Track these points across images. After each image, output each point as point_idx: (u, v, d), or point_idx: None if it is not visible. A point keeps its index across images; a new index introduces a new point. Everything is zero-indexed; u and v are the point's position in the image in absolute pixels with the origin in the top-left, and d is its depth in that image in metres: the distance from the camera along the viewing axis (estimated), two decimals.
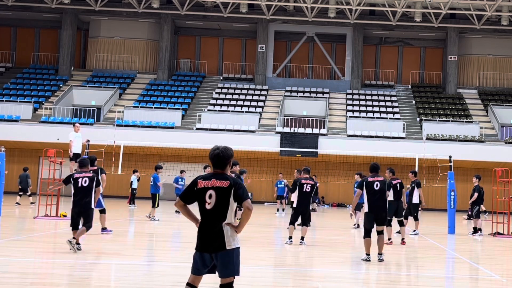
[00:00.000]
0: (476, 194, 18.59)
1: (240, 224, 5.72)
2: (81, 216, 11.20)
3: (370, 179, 11.34)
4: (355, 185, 20.42)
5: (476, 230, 18.69)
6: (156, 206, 19.73)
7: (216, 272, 5.83)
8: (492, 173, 19.82)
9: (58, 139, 30.26)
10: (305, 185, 13.61)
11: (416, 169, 21.98)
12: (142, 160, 34.48)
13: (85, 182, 11.00)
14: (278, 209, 26.53)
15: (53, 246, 12.44)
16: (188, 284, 5.89)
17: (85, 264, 10.11)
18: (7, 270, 8.99)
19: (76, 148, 18.79)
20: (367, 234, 11.11)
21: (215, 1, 39.20)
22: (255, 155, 33.11)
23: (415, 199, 17.46)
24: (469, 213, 21.59)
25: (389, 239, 14.53)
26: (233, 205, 5.68)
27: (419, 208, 18.13)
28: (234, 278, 5.75)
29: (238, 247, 5.72)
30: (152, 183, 20.13)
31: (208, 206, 5.65)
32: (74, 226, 11.12)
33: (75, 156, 18.81)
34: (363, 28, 41.87)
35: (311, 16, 40.26)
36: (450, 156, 20.15)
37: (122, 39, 42.74)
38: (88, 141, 19.62)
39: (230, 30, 43.47)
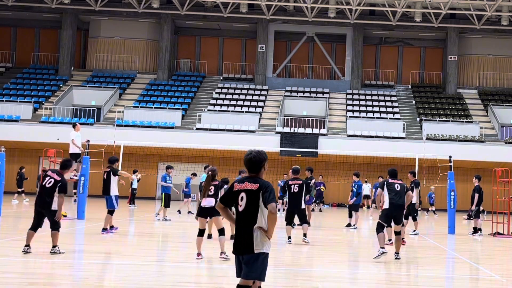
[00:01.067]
0: (477, 195, 18.56)
1: (269, 228, 5.72)
2: (43, 216, 10.68)
3: (391, 180, 11.90)
4: (353, 185, 20.40)
5: (476, 230, 18.69)
6: (163, 205, 19.69)
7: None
8: (492, 173, 19.82)
9: (58, 139, 30.24)
10: (292, 186, 13.82)
11: (416, 169, 21.97)
12: (142, 160, 34.49)
13: (49, 183, 10.63)
14: (279, 209, 26.50)
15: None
16: (238, 286, 5.84)
17: (85, 264, 10.11)
18: (7, 270, 8.99)
19: (76, 148, 18.77)
20: (381, 229, 11.47)
21: (215, 1, 39.20)
22: None
23: (414, 200, 17.45)
24: (469, 213, 21.58)
25: (389, 240, 14.53)
26: (263, 208, 5.71)
27: (418, 208, 18.13)
28: (259, 283, 5.75)
29: (267, 253, 5.71)
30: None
31: (240, 208, 5.76)
32: (34, 226, 10.63)
33: (75, 156, 18.81)
34: (363, 28, 41.87)
35: (311, 16, 40.25)
36: (450, 156, 20.14)
37: (122, 39, 42.74)
38: (88, 141, 19.62)
39: (230, 30, 43.47)
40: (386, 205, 11.62)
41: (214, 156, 32.88)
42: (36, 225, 10.64)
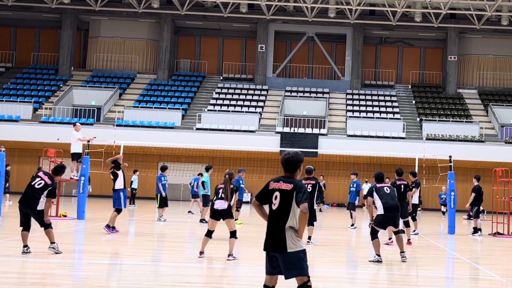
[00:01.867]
0: (473, 195, 18.55)
1: (299, 228, 5.83)
2: (29, 216, 10.57)
3: (378, 185, 11.71)
4: (351, 186, 20.38)
5: (476, 230, 18.69)
6: (159, 206, 19.72)
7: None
8: (492, 173, 19.82)
9: (58, 139, 30.28)
10: (306, 185, 13.63)
11: (416, 169, 21.97)
12: (142, 160, 34.50)
13: (38, 184, 10.52)
14: None
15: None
16: (264, 285, 6.03)
17: (85, 264, 10.11)
18: (7, 270, 8.99)
19: (77, 148, 18.80)
20: (376, 235, 11.28)
21: (215, 1, 39.21)
22: (255, 155, 33.12)
23: (415, 200, 17.45)
24: (470, 213, 21.58)
25: (389, 238, 14.54)
26: (296, 209, 5.82)
27: (418, 208, 18.14)
28: (308, 278, 5.84)
29: (302, 249, 5.82)
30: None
31: (273, 207, 5.86)
32: (24, 226, 10.53)
33: (76, 156, 18.84)
34: (363, 28, 41.87)
35: (311, 16, 40.25)
36: (450, 156, 20.14)
37: (122, 39, 42.74)
38: (88, 141, 19.63)
39: (230, 30, 43.48)
40: (380, 211, 11.40)
41: (214, 156, 32.88)
42: (26, 226, 10.56)
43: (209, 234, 10.76)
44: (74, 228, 16.27)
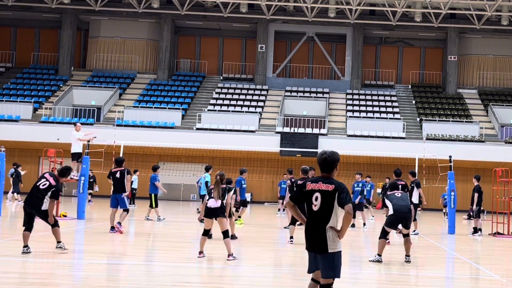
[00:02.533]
0: (476, 195, 18.56)
1: (342, 228, 5.90)
2: (34, 216, 10.78)
3: (389, 192, 12.03)
4: (355, 185, 20.40)
5: (476, 230, 18.69)
6: (152, 206, 19.70)
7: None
8: (492, 173, 19.82)
9: (58, 139, 30.27)
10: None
11: (416, 169, 21.98)
12: (142, 160, 34.47)
13: (43, 185, 10.69)
14: (279, 209, 26.45)
15: (53, 246, 12.44)
16: (312, 279, 6.17)
17: (85, 264, 10.11)
18: (7, 270, 8.99)
19: (77, 148, 18.81)
20: (385, 236, 11.43)
21: (215, 1, 39.21)
22: (255, 155, 33.12)
23: (415, 199, 17.46)
24: (470, 213, 21.57)
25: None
26: (337, 209, 5.90)
27: (418, 208, 18.14)
28: (333, 280, 5.97)
29: (340, 251, 5.92)
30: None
31: (314, 208, 5.90)
32: (27, 227, 10.67)
33: (76, 156, 18.84)
34: (363, 28, 41.87)
35: (311, 16, 40.26)
36: (450, 156, 20.14)
37: (122, 39, 42.74)
38: (88, 141, 19.63)
39: (230, 30, 43.48)
40: (391, 211, 11.57)
41: (214, 156, 32.88)
42: (29, 226, 10.66)
43: (206, 233, 10.80)
44: (74, 228, 16.27)
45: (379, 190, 30.87)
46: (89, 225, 17.06)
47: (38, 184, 10.69)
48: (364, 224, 19.66)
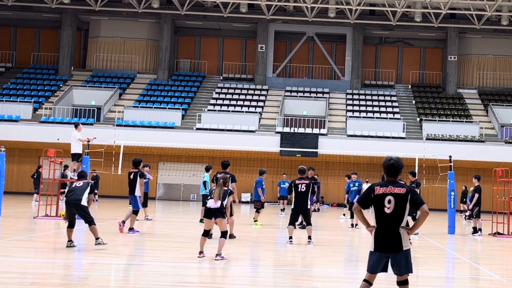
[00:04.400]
0: (476, 195, 18.57)
1: (415, 225, 6.42)
2: (75, 214, 11.53)
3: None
4: (350, 185, 20.38)
5: (476, 230, 18.70)
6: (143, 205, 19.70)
7: (388, 270, 6.43)
8: (492, 173, 19.82)
9: (58, 139, 30.26)
10: (300, 185, 13.78)
11: (416, 169, 21.97)
12: (142, 160, 34.40)
13: (79, 184, 11.59)
14: (283, 209, 26.42)
15: (53, 246, 12.45)
16: (365, 280, 6.51)
17: (85, 264, 10.11)
18: (7, 270, 8.99)
19: (77, 148, 18.82)
20: None
21: (215, 1, 39.21)
22: (255, 155, 33.12)
23: None
24: (467, 213, 21.56)
25: None
26: (407, 210, 6.29)
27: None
28: (408, 275, 6.36)
29: (409, 248, 6.31)
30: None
31: (387, 211, 6.26)
32: (70, 224, 11.55)
33: (77, 156, 18.84)
34: (363, 28, 41.88)
35: (311, 16, 40.26)
36: (450, 156, 20.15)
37: (122, 39, 42.74)
38: (88, 141, 19.63)
39: (230, 30, 43.48)
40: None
41: (214, 156, 32.87)
42: (71, 224, 11.55)
43: (205, 233, 10.85)
44: (74, 228, 16.22)
45: None
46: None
47: (74, 185, 11.74)
48: (355, 224, 19.59)
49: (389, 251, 6.22)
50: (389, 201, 6.23)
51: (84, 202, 11.34)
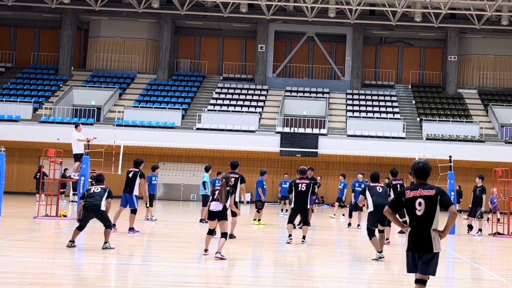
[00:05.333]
0: (484, 196, 18.54)
1: (445, 228, 6.46)
2: (91, 218, 11.80)
3: (372, 184, 12.29)
4: (355, 185, 20.38)
5: (471, 227, 18.82)
6: (150, 205, 19.71)
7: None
8: (492, 173, 19.82)
9: (58, 139, 30.26)
10: (300, 185, 13.85)
11: None
12: (144, 160, 34.39)
13: (97, 189, 11.85)
14: (282, 209, 26.38)
15: (53, 246, 12.45)
16: (417, 280, 6.51)
17: (85, 264, 10.11)
18: (7, 270, 8.98)
19: (78, 149, 18.82)
20: (373, 234, 11.66)
21: (215, 1, 39.21)
22: (255, 155, 33.11)
23: None
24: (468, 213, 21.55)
25: (387, 239, 14.55)
26: (438, 211, 6.46)
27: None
28: (428, 278, 6.50)
29: (439, 252, 6.45)
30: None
31: (418, 213, 6.44)
32: (80, 227, 11.73)
33: (78, 156, 18.84)
34: (363, 28, 41.87)
35: (311, 16, 40.26)
36: (450, 156, 20.14)
37: (122, 39, 42.74)
38: (88, 141, 19.62)
39: (230, 30, 43.48)
40: (370, 208, 11.79)
41: (214, 156, 32.89)
42: (80, 227, 11.74)
43: (210, 232, 11.00)
44: (74, 228, 16.23)
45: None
46: (89, 225, 17.00)
47: (92, 191, 11.96)
48: (358, 225, 19.60)
49: (420, 251, 6.38)
50: (420, 204, 6.41)
51: (103, 207, 11.56)
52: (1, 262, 9.72)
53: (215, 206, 10.85)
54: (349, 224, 19.72)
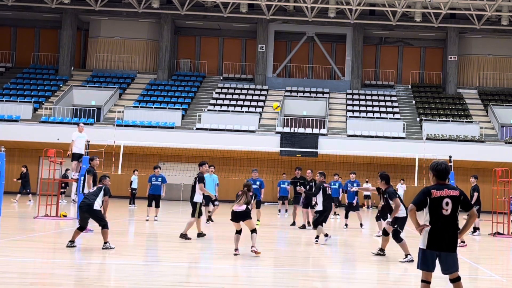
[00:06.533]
0: (476, 194, 18.55)
1: (464, 229, 6.66)
2: (88, 218, 11.77)
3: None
4: (348, 185, 20.34)
5: (474, 229, 18.76)
6: (149, 205, 19.69)
7: (435, 269, 6.60)
8: (492, 173, 19.82)
9: (58, 139, 30.28)
10: (328, 189, 14.84)
11: (416, 169, 21.99)
12: (142, 160, 34.48)
13: (92, 189, 11.95)
14: (279, 210, 26.32)
15: (53, 246, 12.45)
16: (423, 281, 6.64)
17: (85, 264, 10.11)
18: (7, 270, 8.98)
19: (79, 149, 18.82)
20: (401, 237, 11.77)
21: (215, 1, 39.22)
22: (255, 155, 33.12)
23: None
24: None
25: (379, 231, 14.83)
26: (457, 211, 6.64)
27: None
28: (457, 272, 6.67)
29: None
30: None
31: (445, 212, 6.57)
32: (80, 227, 11.81)
33: (77, 156, 18.84)
34: (363, 28, 41.87)
35: (311, 16, 40.26)
36: (450, 156, 20.16)
37: (122, 39, 42.75)
38: (88, 141, 19.63)
39: (230, 30, 43.49)
40: (403, 213, 11.74)
41: (214, 156, 32.87)
42: (81, 227, 11.79)
43: (238, 232, 11.49)
44: (74, 228, 16.24)
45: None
46: (89, 225, 17.02)
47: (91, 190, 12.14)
48: (361, 224, 19.61)
49: (443, 250, 6.48)
50: (447, 203, 6.55)
51: (96, 206, 11.52)
52: (1, 262, 9.72)
53: (238, 207, 11.36)
54: (346, 225, 19.69)
